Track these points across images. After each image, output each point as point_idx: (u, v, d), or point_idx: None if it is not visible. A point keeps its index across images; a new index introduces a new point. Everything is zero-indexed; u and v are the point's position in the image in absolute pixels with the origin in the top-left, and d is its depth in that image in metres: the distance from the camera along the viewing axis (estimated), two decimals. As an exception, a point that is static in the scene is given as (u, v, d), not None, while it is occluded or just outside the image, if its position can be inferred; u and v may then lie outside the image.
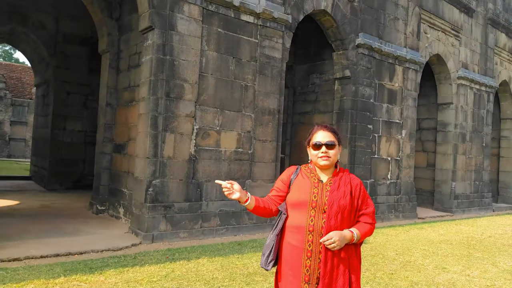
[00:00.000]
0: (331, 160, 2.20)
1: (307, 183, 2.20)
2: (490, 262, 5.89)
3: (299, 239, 2.12)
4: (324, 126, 2.27)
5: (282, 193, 2.28)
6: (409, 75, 9.86)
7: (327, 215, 2.11)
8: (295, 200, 2.19)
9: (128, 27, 7.33)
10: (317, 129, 2.26)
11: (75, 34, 10.77)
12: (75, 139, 10.96)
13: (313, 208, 2.13)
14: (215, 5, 6.49)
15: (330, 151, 2.20)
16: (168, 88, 6.03)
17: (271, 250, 2.21)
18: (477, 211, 11.98)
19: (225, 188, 2.12)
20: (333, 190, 2.16)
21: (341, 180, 2.21)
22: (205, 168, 6.45)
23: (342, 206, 2.13)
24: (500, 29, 13.06)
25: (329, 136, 2.22)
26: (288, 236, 2.17)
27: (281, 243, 2.21)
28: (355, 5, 8.77)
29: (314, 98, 9.88)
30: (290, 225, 2.18)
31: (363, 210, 2.23)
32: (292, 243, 2.14)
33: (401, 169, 9.73)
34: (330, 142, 2.20)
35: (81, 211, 7.62)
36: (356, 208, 2.20)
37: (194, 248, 5.64)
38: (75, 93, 10.96)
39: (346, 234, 2.10)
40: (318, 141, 2.21)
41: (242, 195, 2.14)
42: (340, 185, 2.18)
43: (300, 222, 2.13)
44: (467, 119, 11.71)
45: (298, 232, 2.13)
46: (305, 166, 2.32)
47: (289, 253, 2.15)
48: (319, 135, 2.23)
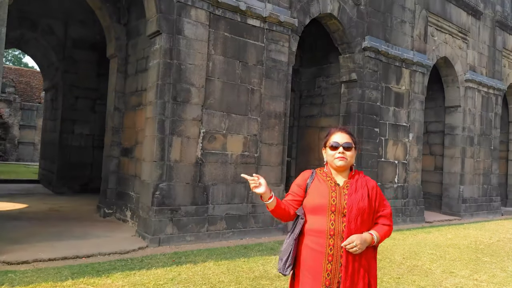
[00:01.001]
0: (348, 161, 2.22)
1: (324, 187, 2.20)
2: (498, 266, 5.83)
3: (320, 243, 2.12)
4: (342, 129, 2.29)
5: (298, 198, 2.27)
6: (416, 78, 9.82)
7: (347, 218, 2.11)
8: (314, 205, 2.18)
9: (136, 32, 7.40)
10: (335, 131, 2.29)
11: (84, 39, 10.89)
12: (83, 143, 11.06)
13: (333, 212, 2.13)
14: (221, 10, 6.54)
15: (347, 152, 2.21)
16: (175, 92, 6.07)
17: (289, 255, 2.20)
18: (485, 215, 11.85)
19: (251, 180, 2.11)
20: (351, 193, 2.17)
21: (358, 182, 2.22)
22: (212, 171, 6.47)
23: (361, 209, 2.14)
24: (508, 31, 12.96)
25: (347, 138, 2.24)
26: (308, 240, 2.17)
27: (299, 247, 2.20)
28: (362, 8, 8.77)
29: (321, 101, 9.88)
30: (309, 229, 2.18)
31: (380, 212, 2.24)
32: (312, 247, 2.14)
33: (408, 173, 9.67)
34: (347, 144, 2.22)
35: (88, 215, 7.68)
36: (374, 210, 2.21)
37: (201, 251, 5.66)
38: (84, 97, 11.07)
39: (366, 237, 2.11)
40: (336, 142, 2.23)
41: (267, 191, 2.13)
42: (357, 188, 2.19)
43: (321, 226, 2.13)
44: (475, 122, 11.62)
45: (318, 236, 2.13)
46: (320, 170, 2.33)
47: (309, 257, 2.15)
48: (336, 137, 2.25)
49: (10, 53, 41.46)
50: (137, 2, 7.19)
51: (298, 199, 2.27)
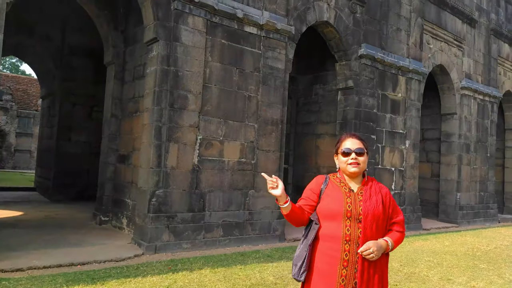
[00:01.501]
0: (360, 167, 2.22)
1: (339, 193, 2.20)
2: (495, 273, 5.81)
3: (335, 248, 2.11)
4: (353, 134, 2.30)
5: (312, 203, 2.26)
6: (412, 85, 9.88)
7: (363, 224, 2.12)
8: (329, 210, 2.17)
9: (133, 39, 7.43)
10: (346, 137, 2.29)
11: (81, 46, 10.90)
12: (80, 150, 11.01)
13: (348, 218, 2.13)
14: (219, 17, 6.58)
15: (360, 158, 2.22)
16: (172, 99, 6.08)
17: (303, 261, 2.19)
18: (482, 222, 11.86)
19: (270, 181, 2.10)
20: (366, 199, 2.17)
21: (372, 189, 2.23)
22: (208, 178, 6.46)
23: (376, 216, 2.15)
24: (503, 40, 13.09)
25: (358, 144, 2.25)
26: (322, 245, 2.16)
27: (313, 252, 2.19)
28: (358, 17, 8.85)
29: (318, 109, 9.91)
30: (324, 235, 2.17)
31: (394, 219, 2.25)
32: (327, 252, 2.13)
33: (405, 180, 9.68)
34: (359, 150, 2.23)
35: (84, 222, 7.63)
36: (388, 217, 2.22)
37: (197, 258, 5.62)
38: (81, 104, 11.06)
39: (382, 243, 2.13)
40: (348, 148, 2.23)
41: (283, 194, 2.12)
42: (372, 195, 2.20)
43: (336, 232, 2.13)
44: (471, 130, 11.68)
45: (334, 241, 2.12)
46: (333, 175, 2.33)
47: (324, 262, 2.14)
48: (348, 143, 2.25)
49: (8, 60, 41.48)
50: (134, 9, 7.23)
51: (312, 204, 2.26)
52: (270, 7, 7.23)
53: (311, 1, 7.96)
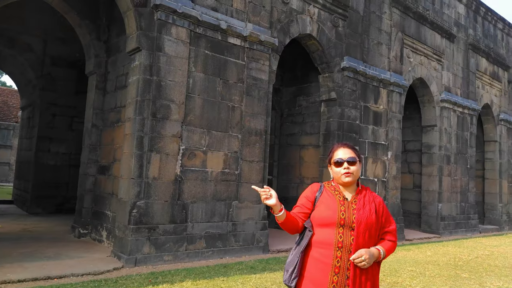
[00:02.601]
0: (354, 176, 2.24)
1: (333, 200, 2.22)
2: (477, 282, 5.86)
3: (327, 254, 2.12)
4: (344, 144, 2.32)
5: (307, 210, 2.27)
6: (393, 97, 10.05)
7: (356, 232, 2.13)
8: (323, 218, 2.19)
9: (115, 49, 7.37)
10: (337, 147, 2.31)
11: (62, 57, 10.78)
12: (59, 162, 10.78)
13: (342, 225, 2.14)
14: (202, 28, 6.60)
15: (352, 167, 2.24)
16: (154, 109, 6.02)
17: (295, 266, 2.19)
18: (463, 232, 12.01)
19: (263, 192, 2.10)
20: (359, 208, 2.19)
21: (365, 198, 2.25)
22: (191, 189, 6.38)
23: (369, 224, 2.17)
24: (481, 54, 13.50)
25: (350, 153, 2.27)
26: (315, 251, 2.17)
27: (305, 259, 2.20)
28: (340, 30, 9.01)
29: (301, 120, 9.97)
30: (317, 241, 2.18)
31: (386, 228, 2.28)
32: (319, 258, 2.14)
33: (387, 191, 9.76)
34: (351, 159, 2.25)
35: (62, 235, 7.41)
36: (380, 226, 2.25)
37: (179, 271, 5.50)
38: (61, 115, 10.87)
39: (374, 252, 2.14)
40: (340, 158, 2.25)
41: (277, 203, 2.12)
42: (365, 203, 2.22)
43: (329, 239, 2.14)
44: (451, 141, 11.91)
45: (326, 247, 2.13)
46: (328, 183, 2.34)
47: (315, 268, 2.14)
48: (340, 153, 2.28)
49: (-13, 71, 40.65)
50: (117, 19, 7.20)
51: (306, 211, 2.27)
52: (253, 19, 7.29)
53: (294, 14, 8.07)
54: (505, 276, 6.37)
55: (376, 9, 9.86)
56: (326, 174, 8.69)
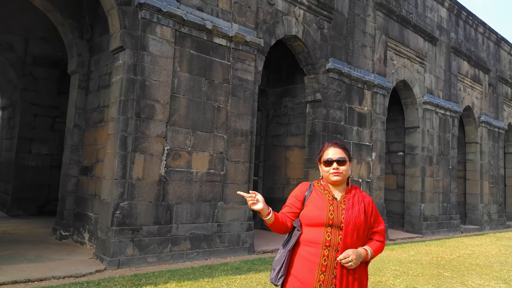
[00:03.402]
0: (343, 175, 2.23)
1: (322, 200, 2.21)
2: (459, 281, 5.96)
3: (314, 253, 2.11)
4: (335, 143, 2.31)
5: (296, 210, 2.26)
6: (377, 99, 10.17)
7: (344, 232, 2.12)
8: (311, 217, 2.18)
9: (99, 48, 7.27)
10: (328, 146, 2.30)
11: (44, 56, 10.58)
12: (41, 163, 10.57)
13: (330, 225, 2.14)
14: (187, 28, 6.56)
15: (341, 167, 2.23)
16: (138, 108, 5.95)
17: (282, 265, 2.18)
18: (446, 232, 12.22)
19: (249, 197, 2.07)
20: (348, 208, 2.18)
21: (355, 197, 2.24)
22: (176, 189, 6.32)
23: (357, 224, 2.16)
24: (462, 57, 13.78)
25: (340, 153, 2.25)
26: (302, 249, 2.16)
27: (293, 257, 2.19)
28: (325, 32, 9.07)
29: (287, 121, 10.00)
30: (305, 240, 2.17)
31: (375, 228, 2.27)
32: (306, 257, 2.13)
33: (372, 191, 9.86)
34: (341, 158, 2.24)
35: (44, 237, 7.25)
36: (369, 226, 2.24)
37: (163, 273, 5.44)
38: (43, 115, 10.66)
39: (361, 252, 2.13)
40: (330, 158, 2.24)
41: (265, 207, 2.10)
42: (354, 203, 2.21)
43: (317, 237, 2.13)
44: (434, 143, 12.11)
45: (313, 246, 2.13)
46: (318, 182, 2.33)
47: (302, 266, 2.13)
48: (330, 152, 2.26)
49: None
50: (101, 18, 7.10)
51: (296, 211, 2.26)
52: (239, 20, 7.29)
53: (279, 15, 8.10)
54: (485, 275, 6.50)
55: (360, 12, 9.97)
56: (312, 175, 8.73)
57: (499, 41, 16.33)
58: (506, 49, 16.99)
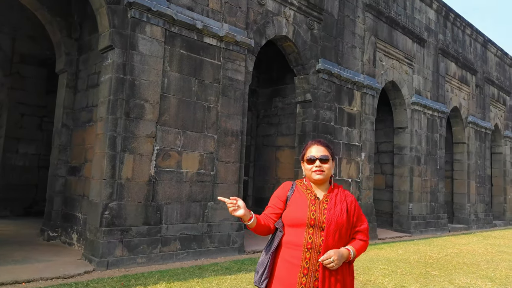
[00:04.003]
0: (325, 174, 2.21)
1: (304, 200, 2.18)
2: (446, 279, 6.04)
3: (296, 255, 2.09)
4: (318, 141, 2.28)
5: (278, 210, 2.23)
6: (366, 100, 10.25)
7: (325, 233, 2.09)
8: (293, 218, 2.15)
9: (87, 47, 7.20)
10: (311, 144, 2.27)
11: (32, 55, 10.44)
12: (28, 163, 10.43)
13: (312, 226, 2.10)
14: (177, 27, 6.54)
15: (324, 165, 2.21)
16: (128, 108, 5.91)
17: (265, 268, 2.15)
18: (433, 231, 12.37)
19: (230, 204, 2.05)
20: (331, 207, 2.15)
21: (337, 197, 2.22)
22: (166, 190, 6.30)
23: (339, 224, 2.13)
24: (450, 59, 13.97)
25: (323, 151, 2.23)
26: (285, 252, 2.13)
27: (276, 260, 2.16)
28: (315, 33, 9.12)
29: (277, 121, 10.03)
30: (287, 242, 2.14)
31: (358, 227, 2.24)
32: (288, 260, 2.10)
33: (361, 191, 9.94)
34: (324, 157, 2.21)
35: (31, 238, 7.16)
36: (352, 225, 2.21)
37: (152, 273, 5.42)
38: (30, 114, 10.53)
39: (343, 252, 2.11)
40: (312, 156, 2.22)
41: (246, 212, 2.08)
42: (337, 202, 2.18)
43: (298, 239, 2.10)
44: (422, 143, 12.25)
45: (295, 248, 2.10)
46: (300, 182, 2.30)
47: (284, 269, 2.11)
48: (313, 150, 2.24)
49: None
50: (89, 16, 7.04)
51: (278, 211, 2.23)
52: (229, 20, 7.29)
53: (270, 16, 8.12)
54: (472, 273, 6.60)
55: (350, 13, 10.04)
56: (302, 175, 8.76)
57: (486, 43, 16.59)
58: (493, 51, 17.26)
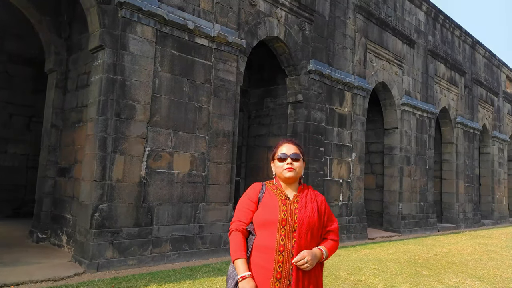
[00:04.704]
0: (296, 172, 2.19)
1: (275, 200, 2.15)
2: (436, 279, 6.11)
3: (268, 259, 2.03)
4: (289, 140, 2.28)
5: (252, 214, 2.18)
6: (357, 100, 10.32)
7: (298, 233, 2.06)
8: (264, 219, 2.10)
9: (77, 47, 7.13)
10: (282, 143, 2.27)
11: (20, 54, 10.30)
12: (17, 163, 10.28)
13: (283, 226, 2.07)
14: (169, 28, 6.50)
15: (295, 163, 2.20)
16: (118, 109, 5.87)
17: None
18: (423, 231, 12.51)
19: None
20: (301, 207, 2.13)
21: (307, 196, 2.20)
22: (157, 191, 6.26)
23: (311, 224, 2.10)
24: (439, 60, 14.13)
25: (294, 149, 2.23)
26: (256, 256, 2.07)
27: (248, 265, 2.09)
28: (306, 33, 9.15)
29: (269, 122, 10.04)
30: (258, 245, 2.08)
31: (329, 227, 2.22)
32: (260, 264, 2.05)
33: (352, 191, 10.00)
34: (294, 155, 2.20)
35: (20, 240, 7.06)
36: (323, 225, 2.19)
37: (143, 275, 5.38)
38: (18, 114, 10.38)
39: (317, 252, 2.08)
40: (284, 154, 2.21)
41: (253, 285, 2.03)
42: (307, 202, 2.16)
43: (270, 242, 2.05)
44: (411, 143, 12.38)
45: (267, 252, 2.05)
46: (270, 182, 2.28)
47: (256, 274, 2.04)
48: (284, 148, 2.23)
49: None
50: (79, 16, 6.97)
51: (252, 215, 2.18)
52: (221, 20, 7.27)
53: (261, 17, 8.12)
54: (461, 272, 6.69)
55: (341, 14, 10.09)
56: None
57: (475, 44, 16.82)
58: (481, 52, 17.51)
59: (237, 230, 2.16)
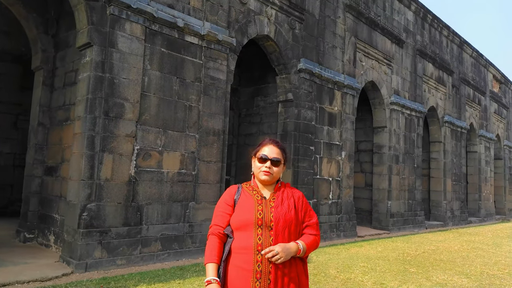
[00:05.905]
0: (273, 176, 2.16)
1: (251, 201, 2.12)
2: (424, 276, 6.19)
3: (247, 260, 2.02)
4: (275, 142, 2.23)
5: (229, 217, 2.15)
6: (347, 99, 10.37)
7: (274, 231, 2.04)
8: (240, 221, 2.08)
9: (65, 44, 7.02)
10: (267, 143, 2.21)
11: (6, 51, 10.11)
12: (3, 162, 10.11)
13: (259, 226, 2.05)
14: (158, 25, 6.45)
15: (274, 167, 2.16)
16: (107, 107, 5.80)
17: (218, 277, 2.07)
18: (411, 228, 12.64)
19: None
20: (277, 205, 2.11)
21: (284, 194, 2.17)
22: (146, 190, 6.21)
23: (288, 221, 2.08)
24: (427, 59, 14.27)
25: (277, 153, 2.18)
26: (235, 258, 2.05)
27: (227, 267, 2.07)
28: (297, 32, 9.16)
29: (259, 120, 10.03)
30: (236, 247, 2.07)
31: (306, 222, 2.18)
32: (240, 265, 2.03)
33: (341, 189, 10.06)
34: (275, 159, 2.16)
35: (6, 240, 6.95)
36: (301, 221, 2.16)
37: (133, 275, 5.34)
38: (5, 112, 10.20)
39: (290, 245, 2.04)
40: (265, 155, 2.16)
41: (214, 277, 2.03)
42: (284, 199, 2.14)
43: (248, 242, 2.04)
44: (400, 142, 12.49)
45: (245, 252, 2.03)
46: (246, 184, 2.25)
47: (236, 276, 2.02)
48: (267, 149, 2.18)
49: None
50: (67, 13, 6.86)
51: (229, 218, 2.15)
52: (211, 18, 7.24)
53: (251, 15, 8.10)
54: (449, 270, 6.78)
55: (331, 14, 10.12)
56: (284, 174, 8.80)
57: (462, 44, 17.03)
58: (469, 52, 17.74)
59: (213, 235, 2.14)
